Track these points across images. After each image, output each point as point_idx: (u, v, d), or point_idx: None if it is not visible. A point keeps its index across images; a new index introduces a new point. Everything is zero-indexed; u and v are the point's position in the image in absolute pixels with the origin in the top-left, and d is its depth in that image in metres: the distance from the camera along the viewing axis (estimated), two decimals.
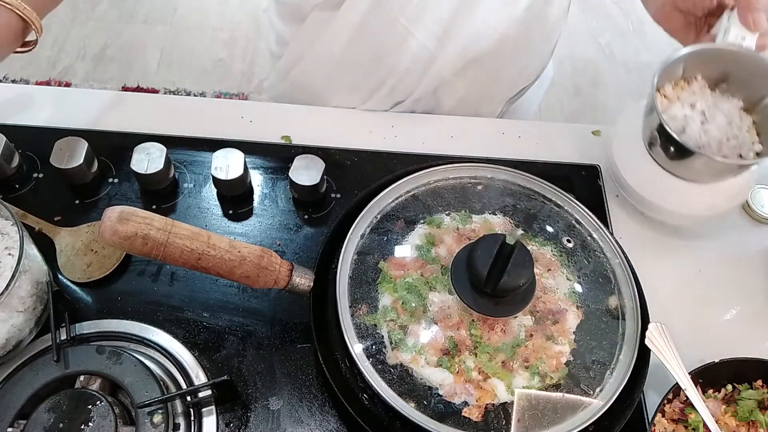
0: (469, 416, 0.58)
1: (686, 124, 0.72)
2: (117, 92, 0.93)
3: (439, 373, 0.59)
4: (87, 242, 0.74)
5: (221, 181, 0.77)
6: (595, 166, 0.88)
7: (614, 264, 0.68)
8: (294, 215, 0.80)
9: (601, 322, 0.64)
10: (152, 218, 0.57)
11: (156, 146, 0.77)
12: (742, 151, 0.72)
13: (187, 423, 0.63)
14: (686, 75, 0.75)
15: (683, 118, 0.72)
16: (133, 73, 2.28)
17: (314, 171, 0.77)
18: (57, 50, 2.32)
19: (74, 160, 0.75)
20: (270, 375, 0.68)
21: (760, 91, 0.73)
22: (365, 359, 0.60)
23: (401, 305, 0.62)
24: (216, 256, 0.59)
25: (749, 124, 0.73)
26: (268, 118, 0.89)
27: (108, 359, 0.62)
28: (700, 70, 0.75)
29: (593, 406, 0.59)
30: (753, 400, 0.67)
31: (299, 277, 0.63)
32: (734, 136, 0.72)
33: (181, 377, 0.66)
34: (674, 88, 0.75)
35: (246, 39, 2.42)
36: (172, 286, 0.73)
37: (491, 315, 0.61)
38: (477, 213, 0.69)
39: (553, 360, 0.61)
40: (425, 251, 0.65)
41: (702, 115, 0.73)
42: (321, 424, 0.66)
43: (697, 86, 0.75)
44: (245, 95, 2.26)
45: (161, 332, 0.69)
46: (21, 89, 0.89)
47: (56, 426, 0.58)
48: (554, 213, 0.71)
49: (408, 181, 0.70)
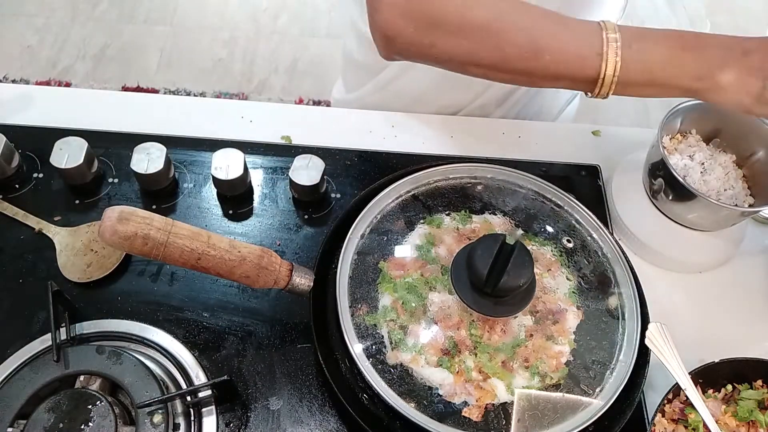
0: (469, 416, 0.58)
1: (687, 173, 0.76)
2: (117, 92, 0.93)
3: (439, 373, 0.59)
4: (87, 242, 0.74)
5: (221, 181, 0.77)
6: (595, 166, 0.88)
7: (614, 264, 0.68)
8: (294, 215, 0.80)
9: (601, 322, 0.64)
10: (152, 218, 0.57)
11: (156, 146, 0.77)
12: (737, 202, 0.76)
13: (187, 423, 0.63)
14: (682, 129, 0.80)
15: (684, 168, 0.76)
16: (133, 73, 2.28)
17: (314, 171, 0.77)
18: (57, 50, 2.32)
19: (74, 160, 0.75)
20: (270, 375, 0.68)
21: (751, 146, 0.78)
22: (365, 359, 0.60)
23: (401, 305, 0.62)
24: (216, 256, 0.59)
25: (741, 177, 0.78)
26: (268, 118, 0.89)
27: (108, 359, 0.62)
28: (695, 125, 0.80)
29: (593, 406, 0.59)
30: (753, 400, 0.67)
31: (299, 277, 0.63)
32: (731, 187, 0.76)
33: (181, 377, 0.66)
34: (671, 140, 0.79)
35: (246, 39, 2.42)
36: (172, 286, 0.73)
37: (491, 315, 0.61)
38: (477, 213, 0.70)
39: (553, 360, 0.61)
40: (425, 251, 0.65)
41: (701, 165, 0.77)
42: (321, 424, 0.66)
43: (693, 140, 0.79)
44: (245, 95, 2.26)
45: (161, 332, 0.69)
46: (21, 89, 0.89)
47: (56, 426, 0.58)
48: (554, 213, 0.71)
49: (408, 181, 0.70)
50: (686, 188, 0.71)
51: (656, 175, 0.76)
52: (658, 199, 0.78)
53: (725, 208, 0.72)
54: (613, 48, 0.59)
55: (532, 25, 0.62)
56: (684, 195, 0.73)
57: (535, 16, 0.62)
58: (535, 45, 0.61)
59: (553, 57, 0.61)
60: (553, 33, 0.61)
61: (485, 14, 0.62)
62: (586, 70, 0.61)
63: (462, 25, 0.62)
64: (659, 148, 0.74)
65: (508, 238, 0.59)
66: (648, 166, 0.79)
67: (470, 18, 0.62)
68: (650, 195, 0.80)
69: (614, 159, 0.88)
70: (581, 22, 0.62)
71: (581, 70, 0.61)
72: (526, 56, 0.61)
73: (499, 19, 0.62)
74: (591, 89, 0.62)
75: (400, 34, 0.65)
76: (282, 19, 2.50)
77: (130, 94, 0.93)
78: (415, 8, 0.63)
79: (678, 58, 0.60)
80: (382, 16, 0.65)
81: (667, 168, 0.72)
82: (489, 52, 0.63)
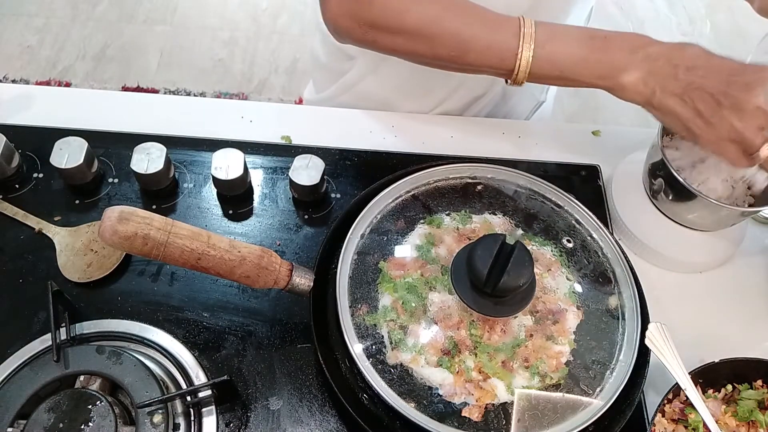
0: (469, 416, 0.58)
1: (687, 173, 0.75)
2: (117, 92, 0.93)
3: (439, 373, 0.59)
4: (87, 242, 0.74)
5: (221, 181, 0.77)
6: (595, 166, 0.88)
7: (614, 264, 0.68)
8: (294, 215, 0.80)
9: (601, 322, 0.64)
10: (152, 218, 0.57)
11: (156, 146, 0.77)
12: (737, 202, 0.76)
13: (187, 423, 0.63)
14: None
15: (683, 168, 0.76)
16: (133, 73, 2.28)
17: (314, 171, 0.77)
18: (57, 50, 2.32)
19: (74, 160, 0.75)
20: (270, 375, 0.68)
21: None
22: (365, 359, 0.60)
23: (401, 305, 0.62)
24: (216, 256, 0.59)
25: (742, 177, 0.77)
26: (268, 118, 0.89)
27: (108, 359, 0.62)
28: None
29: (593, 406, 0.59)
30: (753, 400, 0.67)
31: (299, 277, 0.63)
32: (731, 187, 0.75)
33: (181, 377, 0.66)
34: (671, 140, 0.78)
35: (246, 39, 2.42)
36: (172, 286, 0.73)
37: (491, 315, 0.61)
38: (477, 213, 0.70)
39: (553, 360, 0.61)
40: (425, 251, 0.65)
41: (701, 165, 0.76)
42: (321, 424, 0.66)
43: None
44: (245, 95, 2.26)
45: (161, 332, 0.69)
46: (21, 89, 0.89)
47: (56, 426, 0.58)
48: (554, 213, 0.71)
49: (408, 181, 0.70)
50: (686, 188, 0.71)
51: (656, 175, 0.76)
52: (658, 199, 0.79)
53: (725, 208, 0.72)
54: (528, 48, 0.68)
55: (460, 28, 0.70)
56: (684, 195, 0.73)
57: (464, 18, 0.70)
58: (461, 46, 0.70)
59: (477, 56, 0.71)
60: (478, 34, 0.70)
61: (418, 19, 0.70)
62: (504, 65, 0.70)
63: (399, 28, 0.71)
64: (659, 148, 0.74)
65: (508, 238, 0.59)
66: (648, 166, 0.79)
67: (405, 22, 0.71)
68: (650, 195, 0.80)
69: (614, 159, 0.88)
70: (505, 21, 0.70)
71: (500, 65, 0.70)
72: (454, 54, 0.71)
73: (430, 24, 0.70)
74: (509, 78, 0.71)
75: (346, 31, 0.74)
76: (282, 19, 2.50)
77: (130, 94, 0.93)
78: (358, 11, 0.71)
79: (584, 60, 0.68)
80: (330, 14, 0.74)
81: (667, 168, 0.72)
82: (424, 50, 0.72)
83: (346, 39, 0.76)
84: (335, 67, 0.99)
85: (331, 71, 1.01)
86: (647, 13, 2.67)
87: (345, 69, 0.97)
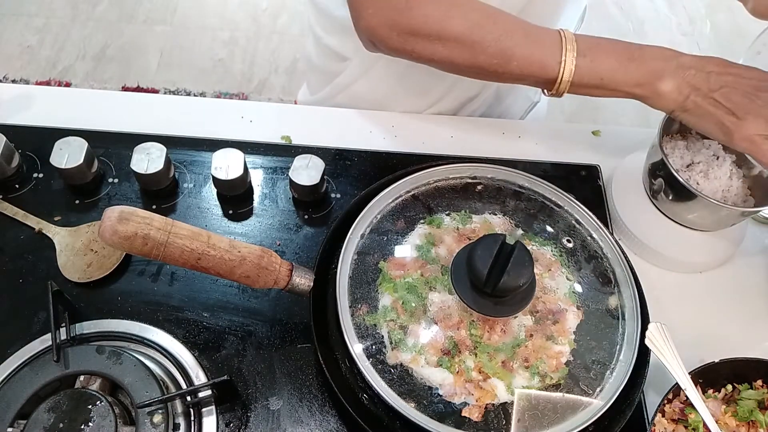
0: (469, 416, 0.58)
1: (686, 173, 0.76)
2: (117, 92, 0.93)
3: (439, 373, 0.59)
4: (87, 242, 0.74)
5: (221, 181, 0.77)
6: (595, 166, 0.88)
7: (614, 264, 0.68)
8: (294, 215, 0.80)
9: (601, 322, 0.64)
10: (152, 218, 0.57)
11: (156, 146, 0.77)
12: (737, 202, 0.76)
13: (187, 423, 0.63)
14: (682, 129, 0.79)
15: (683, 168, 0.76)
16: (133, 73, 2.28)
17: (314, 171, 0.77)
18: (57, 50, 2.32)
19: (74, 160, 0.75)
20: (270, 375, 0.68)
21: None
22: (365, 359, 0.60)
23: (401, 305, 0.62)
24: (216, 256, 0.59)
25: (741, 177, 0.77)
26: (268, 118, 0.89)
27: (108, 359, 0.62)
28: None
29: (593, 406, 0.59)
30: (753, 400, 0.67)
31: (299, 277, 0.63)
32: (731, 187, 0.76)
33: (181, 377, 0.66)
34: (671, 140, 0.79)
35: (246, 39, 2.42)
36: (172, 286, 0.73)
37: (491, 315, 0.61)
38: (477, 213, 0.70)
39: (553, 360, 0.61)
40: (425, 251, 0.65)
41: (701, 165, 0.76)
42: (321, 424, 0.66)
43: (692, 139, 0.79)
44: (245, 95, 2.26)
45: (161, 332, 0.69)
46: (21, 89, 0.89)
47: (56, 426, 0.58)
48: (554, 213, 0.71)
49: (408, 181, 0.70)
50: (686, 188, 0.71)
51: (656, 175, 0.76)
52: (658, 199, 0.79)
53: (725, 208, 0.72)
54: (570, 57, 0.69)
55: (501, 36, 0.69)
56: (684, 195, 0.73)
57: (505, 26, 0.70)
58: (504, 54, 0.70)
59: (519, 63, 0.70)
60: (520, 43, 0.70)
61: (460, 26, 0.69)
62: (547, 74, 0.70)
63: (439, 36, 0.70)
64: (659, 148, 0.74)
65: (508, 238, 0.60)
66: (648, 166, 0.79)
67: (447, 29, 0.70)
68: (650, 195, 0.80)
69: (614, 159, 0.88)
70: (545, 32, 0.71)
71: (543, 74, 0.70)
72: (496, 63, 0.70)
73: (472, 31, 0.69)
74: (550, 88, 0.72)
75: (382, 40, 0.73)
76: (282, 19, 2.50)
77: (130, 94, 0.93)
78: (397, 19, 0.70)
79: (624, 68, 0.69)
80: (366, 23, 0.73)
81: (667, 168, 0.72)
82: (464, 59, 0.71)
83: (380, 48, 0.75)
84: (328, 69, 1.00)
85: (325, 73, 1.01)
86: (647, 13, 2.67)
87: (338, 70, 0.97)
